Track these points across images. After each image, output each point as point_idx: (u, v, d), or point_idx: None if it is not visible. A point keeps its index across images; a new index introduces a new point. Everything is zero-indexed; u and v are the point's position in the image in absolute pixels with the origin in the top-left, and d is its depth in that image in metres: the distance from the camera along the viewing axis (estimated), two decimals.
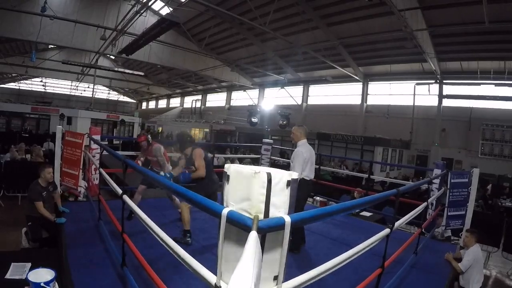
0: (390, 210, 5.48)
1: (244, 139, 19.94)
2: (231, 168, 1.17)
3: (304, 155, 3.49)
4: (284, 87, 21.45)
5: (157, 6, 15.48)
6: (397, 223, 2.29)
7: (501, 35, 11.07)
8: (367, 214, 5.61)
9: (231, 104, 27.07)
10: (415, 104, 15.83)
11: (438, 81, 15.07)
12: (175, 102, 36.62)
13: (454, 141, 15.08)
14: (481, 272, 3.45)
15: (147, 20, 13.09)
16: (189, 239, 3.32)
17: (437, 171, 4.72)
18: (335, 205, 1.60)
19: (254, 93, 24.84)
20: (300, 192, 3.58)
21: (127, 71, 19.84)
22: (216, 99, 29.74)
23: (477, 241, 3.52)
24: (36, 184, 3.66)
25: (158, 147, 4.15)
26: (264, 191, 1.07)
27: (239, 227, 0.98)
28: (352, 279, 2.52)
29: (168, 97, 37.69)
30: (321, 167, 6.62)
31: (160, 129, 26.22)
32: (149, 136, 4.26)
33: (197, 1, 10.80)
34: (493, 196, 10.06)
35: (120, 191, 2.34)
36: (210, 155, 4.09)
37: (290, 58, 16.70)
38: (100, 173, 3.33)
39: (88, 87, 29.95)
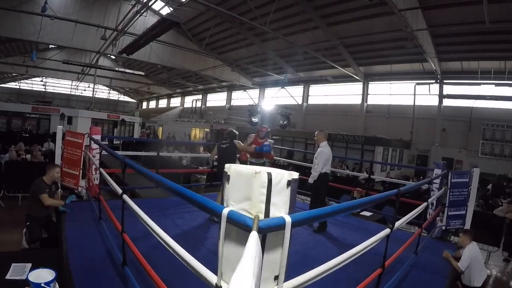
0: (390, 210, 5.48)
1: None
2: (231, 168, 1.17)
3: (327, 154, 4.32)
4: (285, 87, 21.45)
5: (157, 6, 15.49)
6: (397, 223, 2.29)
7: (502, 35, 11.05)
8: (368, 214, 5.61)
9: (231, 104, 27.06)
10: (416, 104, 15.81)
11: (438, 81, 15.04)
12: (175, 101, 36.58)
13: (454, 141, 15.06)
14: (481, 268, 3.47)
15: (147, 20, 13.10)
16: None
17: (437, 171, 4.71)
18: (335, 205, 1.60)
19: (254, 93, 24.82)
20: (323, 184, 4.28)
21: (127, 70, 19.81)
22: (216, 99, 29.73)
23: (473, 239, 3.54)
24: (40, 181, 3.67)
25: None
26: (265, 191, 1.07)
27: (240, 227, 0.97)
28: (352, 279, 2.51)
29: (169, 96, 37.67)
30: None
31: (160, 129, 26.23)
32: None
33: (197, 1, 10.79)
34: (494, 196, 10.06)
35: (120, 190, 2.34)
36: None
37: (290, 58, 16.68)
38: (100, 173, 3.33)
39: (89, 86, 29.98)
